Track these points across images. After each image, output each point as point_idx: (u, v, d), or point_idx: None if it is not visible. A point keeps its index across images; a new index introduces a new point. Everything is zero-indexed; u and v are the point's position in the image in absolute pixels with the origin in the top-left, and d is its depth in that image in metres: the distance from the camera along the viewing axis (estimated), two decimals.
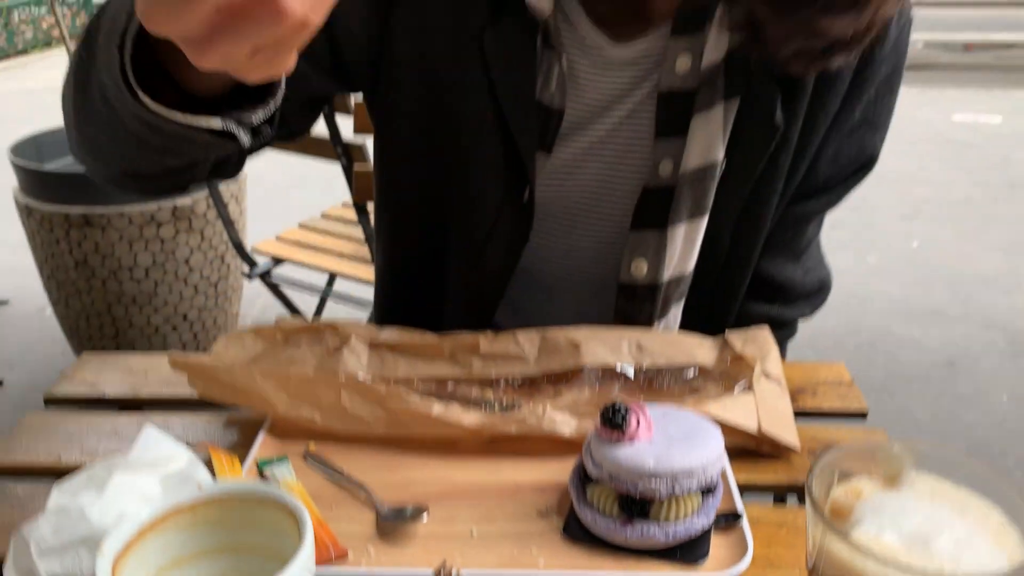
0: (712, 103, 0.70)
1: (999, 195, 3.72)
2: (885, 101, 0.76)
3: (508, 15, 0.69)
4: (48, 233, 2.15)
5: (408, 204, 0.81)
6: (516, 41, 0.70)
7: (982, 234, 3.34)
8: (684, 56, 0.70)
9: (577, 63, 0.72)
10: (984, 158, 4.17)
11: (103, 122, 0.57)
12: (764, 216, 0.76)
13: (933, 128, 4.53)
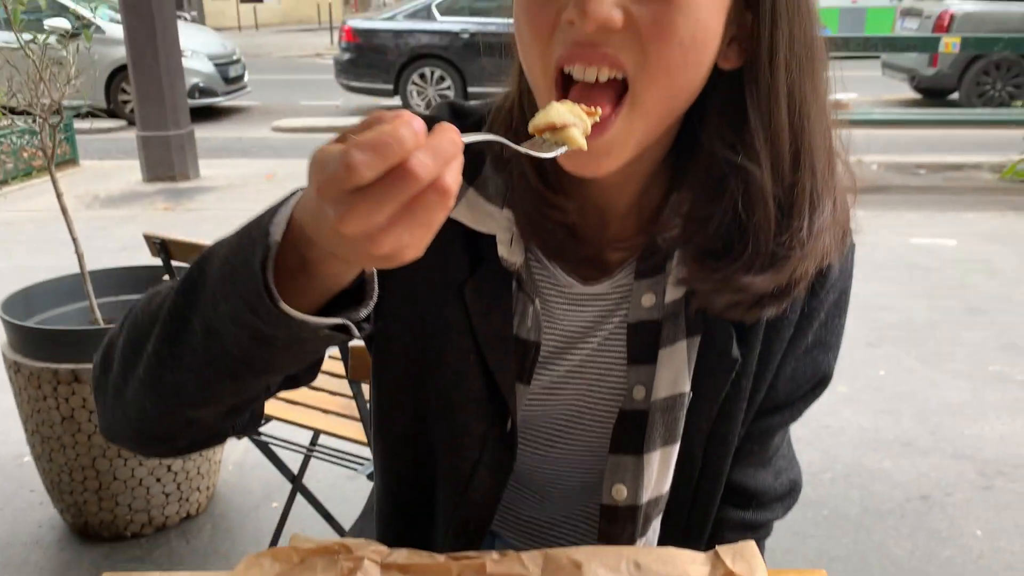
0: (676, 338, 0.78)
1: (960, 320, 3.86)
2: (835, 323, 0.83)
3: (485, 267, 0.77)
4: (35, 389, 2.17)
5: (400, 435, 0.87)
6: (493, 289, 0.78)
7: (945, 361, 3.45)
8: (648, 294, 0.78)
9: (551, 301, 0.80)
10: (943, 282, 4.33)
11: (197, 363, 0.61)
12: (732, 434, 0.83)
13: (893, 252, 4.71)
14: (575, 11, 0.60)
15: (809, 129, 0.68)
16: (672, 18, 0.61)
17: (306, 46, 21.07)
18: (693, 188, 0.72)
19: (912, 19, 10.35)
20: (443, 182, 0.46)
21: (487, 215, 0.76)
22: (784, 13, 0.65)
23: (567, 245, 0.75)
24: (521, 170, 0.73)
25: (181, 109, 6.46)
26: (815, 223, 0.69)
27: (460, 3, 9.81)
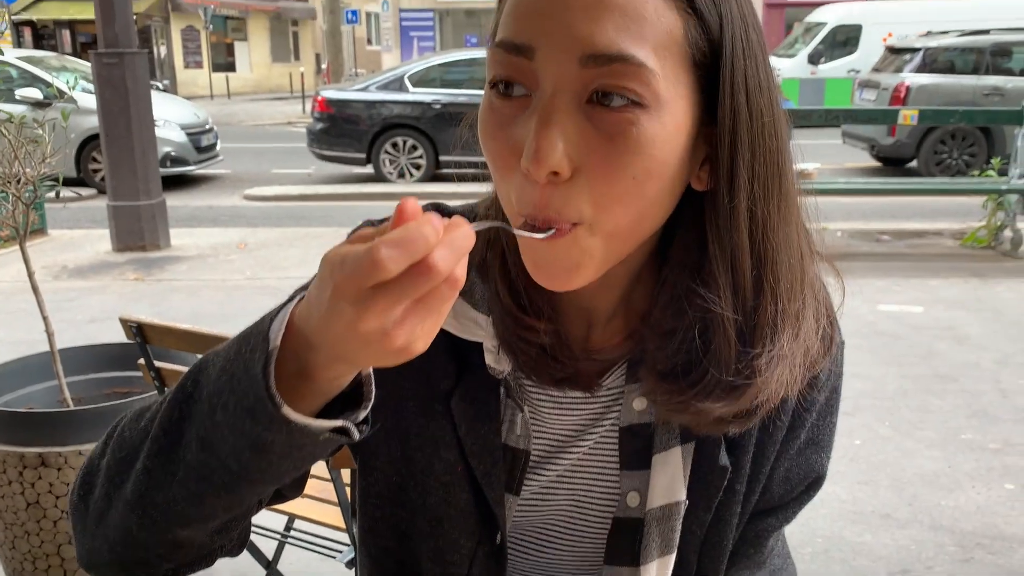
0: (670, 444, 0.76)
1: (930, 388, 3.90)
2: (827, 421, 0.82)
3: (472, 375, 0.76)
4: (0, 474, 2.11)
5: (384, 548, 0.84)
6: (481, 397, 0.76)
7: (918, 430, 3.48)
8: (640, 398, 0.76)
9: (539, 406, 0.78)
10: (912, 349, 4.39)
11: (191, 477, 0.60)
12: (726, 539, 0.81)
13: (862, 319, 4.78)
14: (529, 161, 0.59)
15: (772, 252, 0.66)
16: (623, 157, 0.60)
17: (278, 114, 21.25)
18: (663, 302, 0.71)
19: (870, 91, 10.70)
20: (455, 274, 0.48)
21: (473, 323, 0.75)
22: (745, 135, 0.63)
23: (542, 364, 0.73)
24: (495, 286, 0.72)
25: (153, 179, 6.45)
26: (775, 350, 0.67)
27: (432, 75, 9.99)
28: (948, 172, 9.85)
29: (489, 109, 0.64)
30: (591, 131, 0.59)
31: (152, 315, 5.04)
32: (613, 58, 0.58)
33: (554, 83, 0.59)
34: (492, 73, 0.63)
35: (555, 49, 0.59)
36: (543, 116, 0.59)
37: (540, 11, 0.59)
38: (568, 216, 0.60)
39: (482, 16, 28.38)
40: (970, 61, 10.13)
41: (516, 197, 0.62)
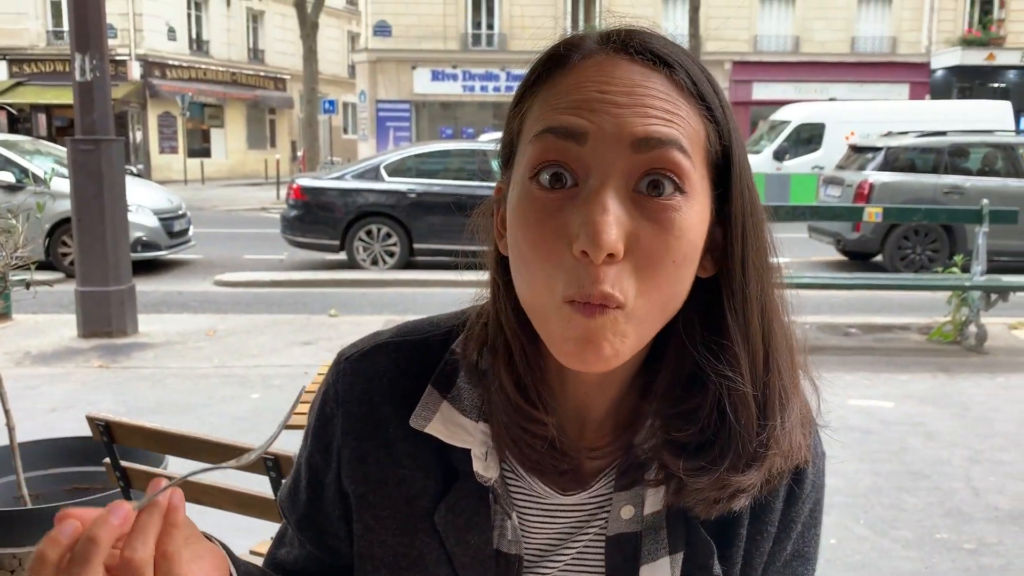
0: (658, 555, 0.76)
1: (903, 485, 3.89)
2: (811, 533, 0.83)
3: (461, 483, 0.76)
4: None
5: None
6: (470, 507, 0.76)
7: (893, 529, 3.45)
8: (628, 506, 0.76)
9: (526, 512, 0.77)
10: (884, 445, 4.39)
11: None
12: None
13: (834, 414, 4.72)
14: (589, 243, 0.61)
15: (775, 331, 0.72)
16: (667, 242, 0.64)
17: (252, 200, 21.38)
18: (668, 392, 0.73)
19: (834, 187, 11.00)
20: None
21: (462, 429, 0.75)
22: (751, 228, 0.69)
23: (547, 459, 0.74)
24: (500, 383, 0.73)
25: (123, 264, 6.41)
26: (787, 420, 0.72)
27: (407, 164, 10.14)
28: (912, 267, 10.07)
29: (531, 199, 0.66)
30: (639, 217, 0.64)
31: (115, 404, 4.95)
32: (663, 142, 0.63)
33: (606, 168, 0.63)
34: (539, 158, 0.65)
35: (607, 135, 0.63)
36: (599, 200, 0.62)
37: (589, 105, 0.64)
38: (617, 297, 0.63)
39: (457, 109, 29.04)
40: (930, 160, 10.48)
41: (565, 280, 0.64)
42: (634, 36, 0.67)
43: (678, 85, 0.65)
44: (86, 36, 5.98)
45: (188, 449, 1.58)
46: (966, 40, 27.11)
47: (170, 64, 28.55)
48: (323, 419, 0.81)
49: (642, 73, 0.65)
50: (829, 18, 27.93)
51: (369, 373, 0.79)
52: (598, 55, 0.67)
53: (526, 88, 0.70)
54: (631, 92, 0.64)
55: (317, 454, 0.81)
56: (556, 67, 0.68)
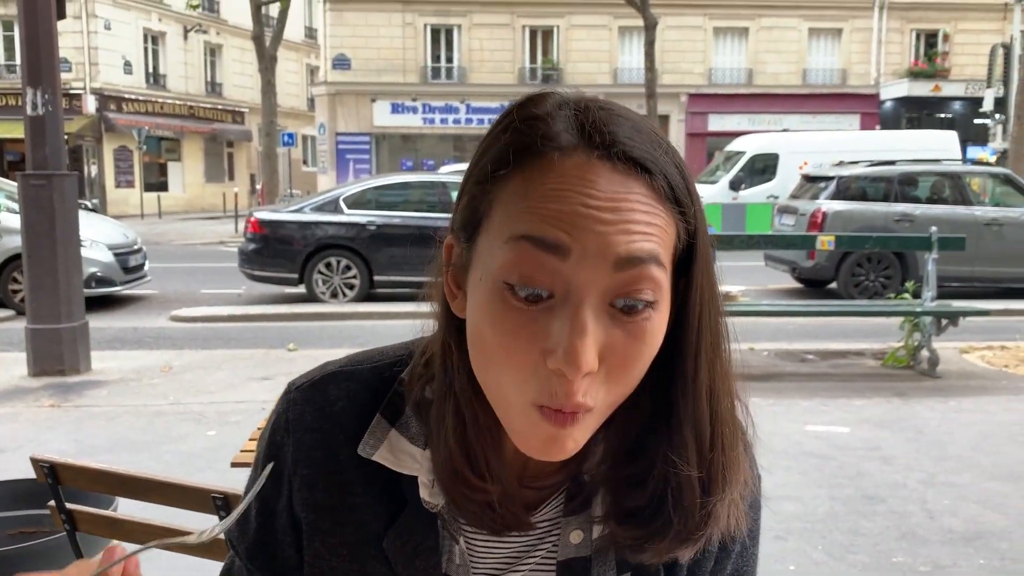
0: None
1: (860, 509, 3.94)
2: (750, 553, 0.86)
3: (409, 509, 0.77)
4: None
5: None
6: (419, 531, 0.77)
7: (851, 553, 3.49)
8: (576, 531, 0.78)
9: (475, 538, 0.79)
10: (840, 470, 4.45)
11: None
12: None
13: (790, 439, 4.84)
14: (567, 366, 0.62)
15: (722, 412, 0.72)
16: (639, 350, 0.66)
17: (209, 234, 21.18)
18: (615, 453, 0.75)
19: (788, 216, 11.20)
20: None
21: (409, 456, 0.77)
22: (707, 319, 0.70)
23: (487, 518, 0.76)
24: (447, 448, 0.73)
25: (76, 301, 6.30)
26: (727, 496, 0.73)
27: (367, 196, 10.13)
28: (866, 293, 10.26)
29: (503, 304, 0.65)
30: (614, 332, 0.65)
31: (67, 444, 4.84)
32: (644, 260, 0.64)
33: (586, 285, 0.63)
34: (517, 272, 0.64)
35: (590, 254, 0.63)
36: (579, 323, 0.63)
37: (573, 220, 0.63)
38: (588, 404, 0.65)
39: (417, 141, 29.13)
40: (880, 189, 10.73)
41: (537, 388, 0.65)
42: (616, 140, 0.65)
43: (657, 192, 0.65)
44: (38, 70, 5.92)
45: (137, 490, 1.55)
46: (913, 72, 27.93)
47: (126, 98, 28.30)
48: (273, 448, 0.81)
49: (623, 182, 0.64)
50: (781, 51, 28.62)
51: (320, 402, 0.80)
52: (578, 155, 0.65)
53: (497, 167, 0.67)
54: (615, 208, 0.63)
55: (267, 482, 0.81)
56: (530, 156, 0.66)
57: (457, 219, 0.72)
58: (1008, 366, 6.84)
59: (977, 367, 6.88)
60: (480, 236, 0.68)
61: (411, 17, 28.09)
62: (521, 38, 28.53)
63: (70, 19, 24.61)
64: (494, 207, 0.67)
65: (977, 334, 7.91)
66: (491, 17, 28.13)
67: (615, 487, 0.74)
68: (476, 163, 0.70)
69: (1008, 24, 23.88)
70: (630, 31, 27.40)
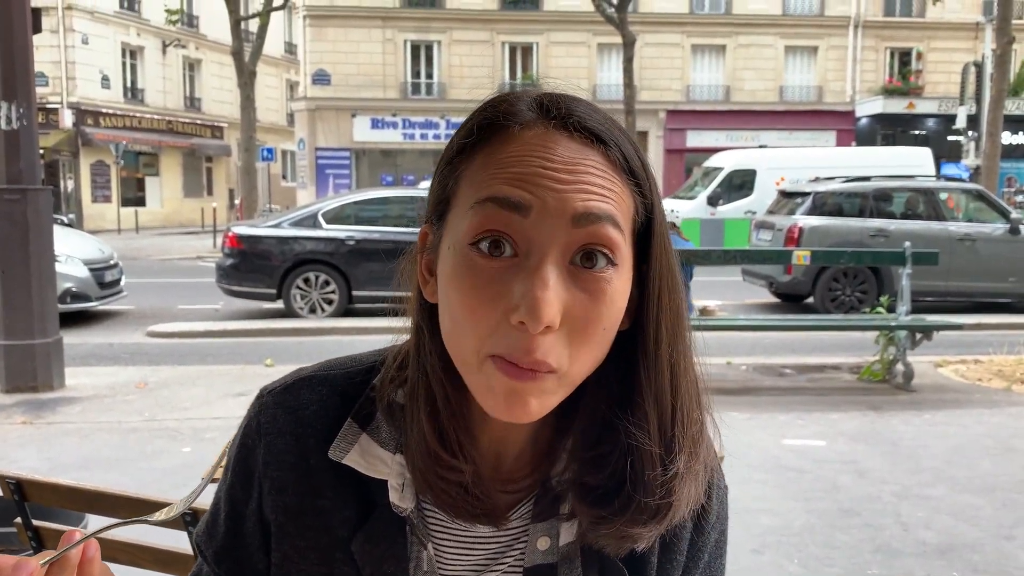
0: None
1: (835, 523, 3.96)
2: (717, 563, 0.87)
3: (378, 514, 0.77)
4: None
5: None
6: (387, 537, 0.77)
7: (826, 566, 3.50)
8: (544, 537, 0.79)
9: (443, 543, 0.79)
10: (816, 483, 4.47)
11: None
12: None
13: (767, 453, 4.87)
14: (529, 317, 0.64)
15: (682, 386, 0.74)
16: (599, 311, 0.68)
17: (187, 249, 21.05)
18: (583, 435, 0.76)
19: (766, 231, 11.30)
20: None
21: (379, 460, 0.77)
22: (666, 291, 0.73)
23: (461, 502, 0.76)
24: (419, 429, 0.75)
25: (50, 317, 6.23)
26: (687, 470, 0.74)
27: (346, 212, 10.12)
28: (842, 308, 10.36)
29: (469, 265, 0.68)
30: (575, 289, 0.67)
31: (39, 461, 4.77)
32: (602, 217, 0.67)
33: (547, 241, 0.66)
34: (481, 227, 0.67)
35: (550, 210, 0.66)
36: (541, 276, 0.65)
37: (532, 179, 0.67)
38: (549, 364, 0.67)
39: (397, 156, 29.15)
40: (856, 205, 10.86)
41: (495, 342, 0.67)
42: (573, 113, 0.70)
43: (612, 162, 0.69)
44: (13, 84, 5.88)
45: (106, 506, 1.53)
46: (887, 89, 28.30)
47: (104, 112, 28.13)
48: (244, 451, 0.82)
49: (580, 150, 0.68)
50: (758, 68, 28.92)
51: (292, 405, 0.81)
52: (538, 127, 0.69)
53: (462, 147, 0.72)
54: (572, 169, 0.67)
55: (237, 485, 0.82)
56: (494, 132, 0.70)
57: (428, 202, 0.75)
58: (981, 380, 6.92)
59: (951, 381, 6.96)
60: (449, 213, 0.72)
61: (391, 33, 28.16)
62: (501, 54, 28.67)
63: (47, 33, 24.48)
64: (460, 182, 0.71)
65: (951, 348, 8.00)
66: (471, 34, 28.26)
67: (580, 467, 0.75)
68: (446, 148, 0.74)
69: (980, 43, 24.28)
70: (609, 48, 27.61)
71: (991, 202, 11.15)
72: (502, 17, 28.37)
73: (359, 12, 27.81)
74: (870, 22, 28.98)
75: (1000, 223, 10.77)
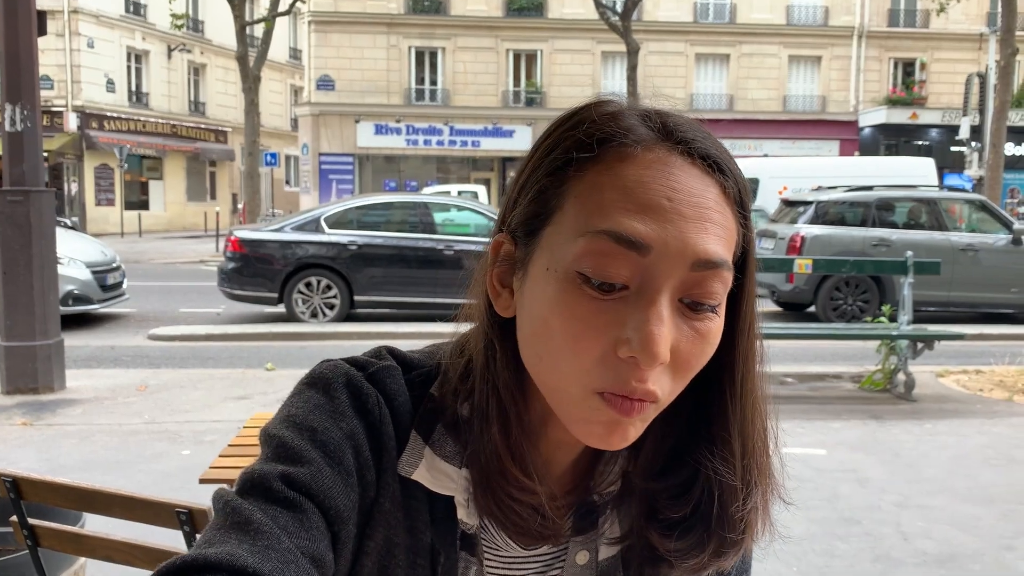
0: None
1: (836, 531, 3.95)
2: (743, 564, 0.87)
3: (438, 528, 0.74)
4: None
5: None
6: (444, 552, 0.75)
7: (825, 574, 3.49)
8: (583, 551, 0.77)
9: (490, 563, 0.77)
10: (817, 492, 4.46)
11: None
12: None
13: None
14: (644, 355, 0.63)
15: (760, 422, 0.74)
16: (703, 349, 0.67)
17: (190, 253, 21.09)
18: (650, 464, 0.75)
19: (768, 240, 11.29)
20: None
21: (445, 476, 0.74)
22: (754, 323, 0.72)
23: (531, 523, 0.73)
24: (495, 450, 0.71)
25: (51, 318, 6.24)
26: (764, 506, 0.74)
27: (348, 217, 10.12)
28: (844, 317, 10.34)
29: (578, 296, 0.65)
30: (683, 326, 0.65)
31: (38, 462, 4.78)
32: (719, 264, 0.65)
33: (663, 278, 0.64)
34: (596, 265, 0.64)
35: (671, 252, 0.63)
36: (657, 313, 0.63)
37: (655, 214, 0.64)
38: (656, 394, 0.65)
39: (401, 162, 29.20)
40: (858, 214, 10.85)
41: (602, 375, 0.64)
42: (694, 138, 0.67)
43: (727, 195, 0.67)
44: (17, 86, 5.90)
45: (100, 505, 1.53)
46: (891, 100, 28.35)
47: (108, 116, 28.22)
48: (372, 418, 0.72)
49: (701, 180, 0.66)
50: (762, 78, 28.97)
51: (391, 391, 0.74)
52: (659, 150, 0.66)
53: (569, 157, 0.67)
54: (695, 204, 0.64)
55: (351, 453, 0.70)
56: (610, 149, 0.66)
57: (517, 215, 0.70)
58: (983, 390, 6.90)
59: (952, 391, 6.94)
60: (547, 228, 0.68)
61: (396, 39, 28.24)
62: (505, 61, 28.74)
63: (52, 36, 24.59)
64: (567, 198, 0.67)
65: (953, 358, 7.99)
66: (475, 40, 28.33)
67: (654, 499, 0.74)
68: (545, 156, 0.70)
69: (984, 54, 24.31)
70: (613, 56, 27.68)
71: (994, 212, 11.14)
72: (506, 24, 28.44)
73: (364, 18, 27.90)
74: (874, 32, 29.03)
75: (1003, 233, 10.75)
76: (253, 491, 0.65)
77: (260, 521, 0.62)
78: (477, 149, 28.56)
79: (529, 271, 0.68)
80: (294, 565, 0.60)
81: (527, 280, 0.68)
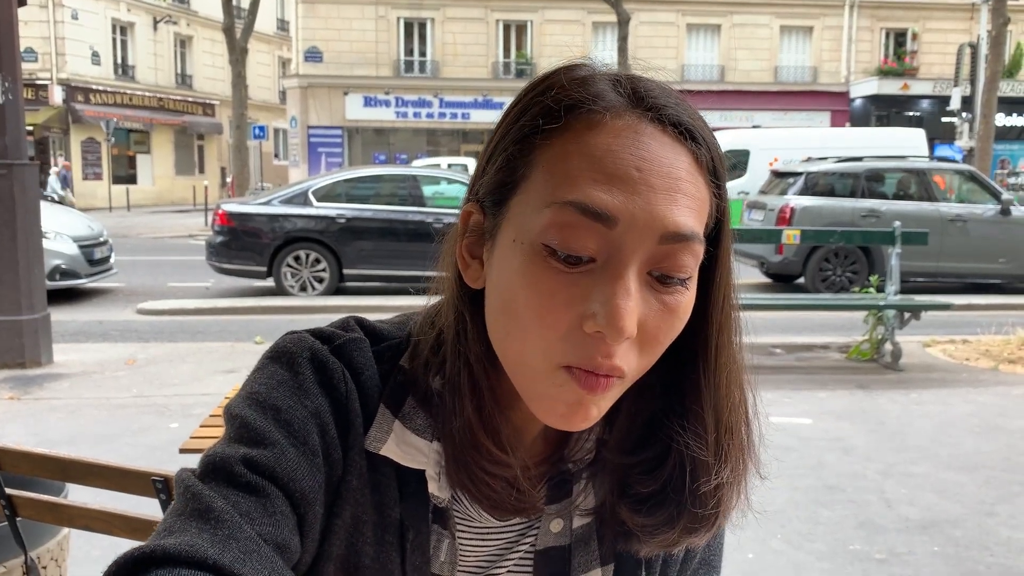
0: (589, 567, 0.76)
1: (819, 498, 3.98)
2: (716, 543, 0.86)
3: (408, 503, 0.73)
4: None
5: None
6: (415, 526, 0.73)
7: (808, 542, 3.53)
8: (557, 519, 0.76)
9: (463, 534, 0.76)
10: (801, 461, 4.49)
11: None
12: None
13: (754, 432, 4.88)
14: (610, 328, 0.61)
15: (738, 395, 0.72)
16: (672, 323, 0.65)
17: (179, 227, 20.98)
18: (624, 438, 0.74)
19: (758, 211, 11.29)
20: None
21: (416, 450, 0.72)
22: (728, 295, 0.70)
23: (505, 496, 0.72)
24: (467, 424, 0.70)
25: (37, 293, 6.21)
26: (736, 481, 0.73)
27: (337, 190, 10.07)
28: (833, 288, 10.37)
29: (544, 269, 0.63)
30: (650, 300, 0.64)
31: (26, 436, 4.77)
32: (688, 237, 0.63)
33: (630, 251, 0.62)
34: (561, 237, 0.62)
35: (639, 225, 0.61)
36: (624, 287, 0.61)
37: (624, 184, 0.61)
38: (622, 369, 0.63)
39: (390, 135, 29.02)
40: (848, 185, 10.85)
41: (566, 350, 0.63)
42: (666, 104, 0.65)
43: (699, 163, 0.65)
44: None
45: (77, 474, 1.53)
46: (882, 70, 28.24)
47: (94, 89, 27.93)
48: (338, 394, 0.70)
49: (672, 148, 0.63)
50: (753, 48, 28.82)
51: (358, 365, 0.72)
52: (628, 117, 0.64)
53: (539, 129, 0.65)
54: (665, 173, 0.62)
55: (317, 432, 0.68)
56: (578, 116, 0.64)
57: (484, 184, 0.69)
58: (969, 359, 6.96)
59: (939, 360, 6.99)
60: (514, 198, 0.66)
61: (384, 10, 27.96)
62: (495, 32, 28.50)
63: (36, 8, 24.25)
64: (534, 167, 0.64)
65: (940, 328, 8.04)
66: (464, 11, 28.07)
67: (626, 473, 0.73)
68: (513, 123, 0.67)
69: (975, 24, 24.20)
70: (603, 26, 27.47)
71: (983, 183, 11.15)
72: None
73: None
74: (866, 2, 28.87)
75: (991, 204, 10.77)
76: (215, 475, 0.63)
77: (221, 509, 0.60)
78: (467, 121, 28.40)
79: (497, 242, 0.67)
80: (256, 554, 0.58)
81: (495, 251, 0.67)
